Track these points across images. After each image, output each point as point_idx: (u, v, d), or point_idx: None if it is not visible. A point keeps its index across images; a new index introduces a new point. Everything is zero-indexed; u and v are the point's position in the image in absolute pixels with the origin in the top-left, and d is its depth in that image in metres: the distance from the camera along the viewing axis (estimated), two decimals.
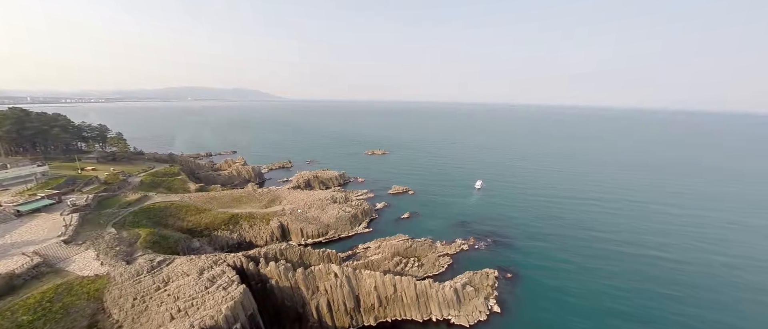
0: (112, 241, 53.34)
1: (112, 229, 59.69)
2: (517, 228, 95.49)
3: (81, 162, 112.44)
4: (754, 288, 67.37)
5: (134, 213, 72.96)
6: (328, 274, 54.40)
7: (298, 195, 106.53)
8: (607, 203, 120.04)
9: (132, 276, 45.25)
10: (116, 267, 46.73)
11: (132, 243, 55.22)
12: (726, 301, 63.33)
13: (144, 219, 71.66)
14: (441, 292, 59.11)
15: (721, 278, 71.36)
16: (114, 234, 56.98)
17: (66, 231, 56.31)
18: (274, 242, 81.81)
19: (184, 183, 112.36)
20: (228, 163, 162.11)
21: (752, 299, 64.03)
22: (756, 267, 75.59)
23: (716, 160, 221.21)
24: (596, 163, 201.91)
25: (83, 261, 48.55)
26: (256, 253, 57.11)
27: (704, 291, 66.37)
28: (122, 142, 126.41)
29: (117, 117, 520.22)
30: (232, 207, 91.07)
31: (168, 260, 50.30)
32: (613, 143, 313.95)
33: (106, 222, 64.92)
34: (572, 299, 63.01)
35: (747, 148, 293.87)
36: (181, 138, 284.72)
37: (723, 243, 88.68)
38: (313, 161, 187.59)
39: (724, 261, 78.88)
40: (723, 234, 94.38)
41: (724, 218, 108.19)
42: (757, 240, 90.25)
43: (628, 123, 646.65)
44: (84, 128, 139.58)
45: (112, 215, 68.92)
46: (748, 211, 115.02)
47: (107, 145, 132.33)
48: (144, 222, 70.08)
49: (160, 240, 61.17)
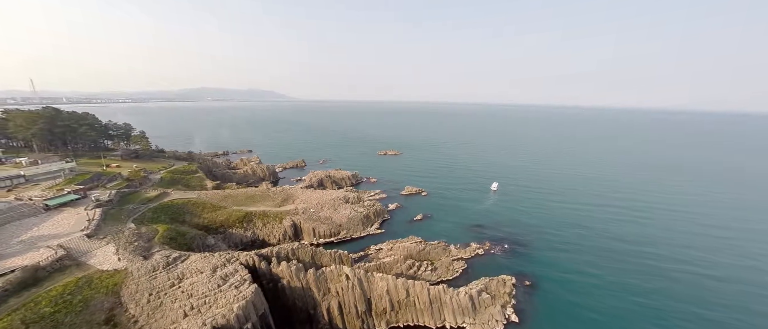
0: (131, 237, 54.61)
1: (132, 225, 61.31)
2: (535, 233, 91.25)
3: (106, 159, 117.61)
4: None
5: (153, 209, 74.94)
6: (339, 276, 53.40)
7: (311, 194, 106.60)
8: (630, 209, 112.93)
9: (148, 272, 45.92)
10: (134, 262, 47.61)
11: (150, 238, 56.37)
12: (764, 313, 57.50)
13: (162, 215, 73.40)
14: (455, 299, 56.81)
15: (760, 290, 65.09)
16: (133, 229, 58.42)
17: (89, 226, 58.29)
18: (286, 241, 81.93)
19: (202, 180, 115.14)
20: (244, 162, 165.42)
21: None
22: None
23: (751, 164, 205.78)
24: (616, 165, 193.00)
25: (103, 256, 49.88)
26: (269, 252, 56.92)
27: (738, 302, 60.65)
28: (145, 140, 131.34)
29: (141, 116, 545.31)
30: (246, 205, 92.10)
31: (183, 257, 50.83)
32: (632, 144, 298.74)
33: (127, 217, 66.88)
34: (594, 314, 58.81)
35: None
36: (200, 137, 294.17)
37: (760, 250, 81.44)
38: (325, 161, 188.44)
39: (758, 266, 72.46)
40: (759, 241, 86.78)
41: (761, 225, 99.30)
42: None
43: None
44: (110, 127, 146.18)
45: (132, 211, 71.01)
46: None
47: (131, 143, 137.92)
48: (162, 218, 71.77)
49: (177, 236, 62.24)
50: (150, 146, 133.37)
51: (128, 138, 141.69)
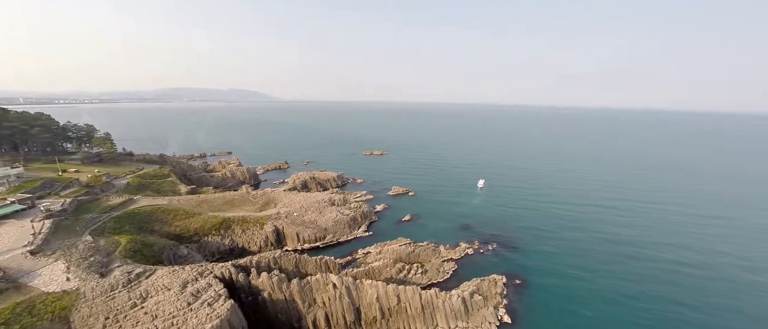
0: (86, 251, 48.10)
1: (89, 237, 54.44)
2: (523, 230, 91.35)
3: (63, 163, 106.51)
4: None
5: (116, 218, 67.61)
6: (326, 285, 49.71)
7: (295, 197, 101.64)
8: (617, 207, 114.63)
9: (105, 292, 40.19)
10: (87, 281, 41.61)
11: (110, 252, 50.04)
12: (753, 313, 58.45)
13: (127, 224, 66.33)
14: (448, 302, 54.72)
15: (747, 287, 66.32)
16: (89, 242, 51.71)
17: (34, 240, 50.97)
18: (268, 247, 76.97)
19: (174, 185, 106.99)
20: (222, 164, 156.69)
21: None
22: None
23: (730, 162, 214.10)
24: (599, 163, 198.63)
25: (50, 275, 43.33)
26: (247, 262, 52.20)
27: (729, 301, 61.63)
28: (108, 142, 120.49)
29: (110, 118, 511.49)
30: (223, 210, 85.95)
31: (148, 272, 45.24)
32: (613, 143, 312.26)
33: (84, 229, 59.52)
34: (585, 310, 58.60)
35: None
36: (175, 139, 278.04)
37: (751, 249, 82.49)
38: (310, 162, 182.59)
39: (749, 266, 73.76)
40: (751, 239, 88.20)
41: (753, 222, 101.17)
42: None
43: (632, 124, 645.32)
44: (69, 128, 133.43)
45: (90, 221, 63.48)
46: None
47: (93, 145, 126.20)
48: (127, 228, 64.79)
49: (143, 248, 55.99)
50: (115, 149, 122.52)
51: (90, 140, 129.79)
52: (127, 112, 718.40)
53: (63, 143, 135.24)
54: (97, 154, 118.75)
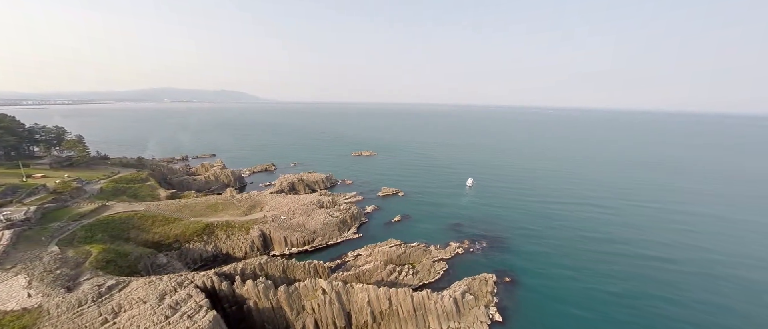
0: (51, 263, 44.34)
1: (55, 248, 50.33)
2: (511, 228, 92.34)
3: (28, 168, 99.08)
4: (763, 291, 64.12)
5: (87, 226, 63.15)
6: (315, 291, 48.01)
7: (282, 200, 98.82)
8: (604, 204, 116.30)
9: (71, 308, 37.00)
10: (52, 296, 38.23)
11: (79, 263, 46.38)
12: (737, 308, 59.47)
13: (99, 233, 62.08)
14: (440, 303, 54.19)
15: (731, 282, 67.60)
16: (56, 253, 47.79)
17: None
18: (254, 253, 74.19)
19: (153, 190, 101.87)
20: (205, 167, 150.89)
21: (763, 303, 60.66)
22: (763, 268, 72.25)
23: (716, 160, 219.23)
24: (586, 163, 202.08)
25: (9, 291, 39.52)
26: (231, 270, 49.74)
27: (709, 296, 63.07)
28: (80, 145, 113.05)
29: (85, 119, 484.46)
30: (206, 215, 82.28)
31: (121, 284, 42.13)
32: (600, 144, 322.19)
33: (50, 239, 55.12)
34: (574, 305, 59.55)
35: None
36: (155, 141, 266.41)
37: (734, 245, 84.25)
38: (298, 163, 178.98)
39: (732, 262, 75.00)
40: (734, 236, 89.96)
41: (735, 218, 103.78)
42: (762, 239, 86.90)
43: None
44: (37, 130, 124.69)
45: (58, 230, 58.92)
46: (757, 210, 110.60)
47: (63, 149, 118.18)
48: (99, 237, 60.62)
49: (117, 257, 52.38)
50: (88, 152, 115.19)
51: (60, 143, 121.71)
52: (103, 113, 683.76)
53: (30, 146, 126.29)
54: (68, 158, 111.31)
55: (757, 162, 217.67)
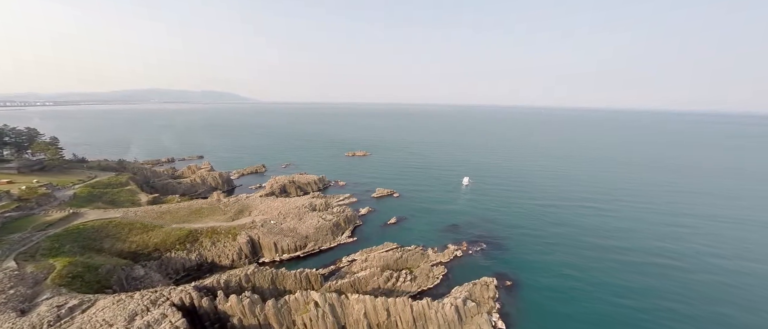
0: (4, 282, 39.15)
1: (12, 263, 44.92)
2: (509, 228, 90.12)
3: None
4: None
5: (54, 237, 57.47)
6: (306, 304, 44.05)
7: (272, 203, 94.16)
8: (602, 203, 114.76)
9: None
10: (1, 321, 33.28)
11: (38, 281, 41.26)
12: (741, 316, 56.63)
13: (68, 243, 56.52)
14: (441, 312, 50.89)
15: (735, 286, 65.16)
16: (12, 270, 42.46)
17: None
18: (242, 261, 69.59)
19: (133, 194, 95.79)
20: (191, 169, 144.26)
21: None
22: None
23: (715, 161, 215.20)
24: (582, 163, 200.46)
25: None
26: (214, 283, 45.29)
27: (714, 296, 61.39)
28: (52, 147, 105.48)
29: (66, 121, 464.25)
30: (189, 221, 77.11)
31: (86, 303, 37.35)
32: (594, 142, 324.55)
33: (9, 252, 49.45)
34: (577, 309, 57.38)
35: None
36: (139, 143, 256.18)
37: (736, 247, 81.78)
38: (289, 165, 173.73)
39: (737, 266, 72.53)
40: (735, 237, 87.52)
41: (736, 217, 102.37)
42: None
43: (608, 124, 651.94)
44: (6, 132, 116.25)
45: (18, 242, 53.19)
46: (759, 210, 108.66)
47: (35, 152, 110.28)
48: (67, 248, 55.10)
49: (85, 272, 47.25)
50: (61, 154, 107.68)
51: (31, 145, 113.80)
52: (85, 114, 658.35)
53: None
54: (39, 162, 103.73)
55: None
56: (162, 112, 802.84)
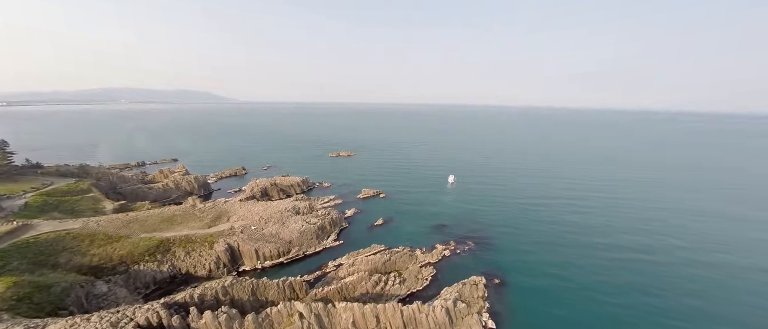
0: None
1: None
2: (495, 226, 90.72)
3: None
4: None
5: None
6: (290, 316, 41.23)
7: (252, 207, 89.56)
8: (586, 200, 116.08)
9: None
10: None
11: None
12: (735, 311, 57.05)
13: (16, 260, 50.11)
14: (431, 315, 49.69)
15: (728, 282, 65.48)
16: None
17: None
18: (220, 270, 65.19)
19: (96, 202, 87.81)
20: (163, 173, 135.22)
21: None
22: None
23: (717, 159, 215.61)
24: (568, 161, 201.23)
25: None
26: (186, 298, 41.39)
27: (704, 292, 61.79)
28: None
29: (23, 124, 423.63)
30: (161, 230, 71.41)
31: None
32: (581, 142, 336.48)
33: None
34: (564, 304, 57.82)
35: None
36: (106, 146, 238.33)
37: (730, 243, 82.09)
38: (270, 167, 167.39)
39: (731, 261, 72.98)
40: (728, 233, 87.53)
41: (728, 213, 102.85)
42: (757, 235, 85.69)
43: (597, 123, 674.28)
44: None
45: None
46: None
47: None
48: (14, 266, 48.79)
49: (34, 292, 41.72)
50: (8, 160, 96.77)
51: None
52: (44, 116, 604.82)
53: None
54: None
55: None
56: (132, 113, 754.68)
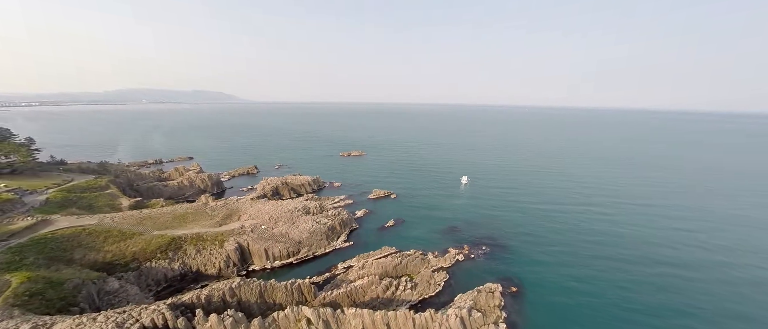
0: None
1: None
2: (511, 230, 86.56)
3: None
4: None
5: (16, 248, 51.75)
6: (298, 321, 39.56)
7: (263, 206, 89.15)
8: (603, 205, 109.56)
9: None
10: None
11: None
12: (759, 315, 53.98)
13: (31, 255, 50.90)
14: (445, 324, 46.85)
15: (753, 288, 61.82)
16: None
17: None
18: (229, 269, 64.69)
19: (114, 199, 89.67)
20: (179, 171, 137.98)
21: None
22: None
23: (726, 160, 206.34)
24: (586, 163, 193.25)
25: None
26: (193, 299, 40.45)
27: (730, 305, 57.15)
28: (23, 148, 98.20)
29: (52, 122, 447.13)
30: (173, 227, 71.76)
31: (40, 328, 32.25)
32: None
33: None
34: (584, 315, 54.05)
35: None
36: (125, 144, 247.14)
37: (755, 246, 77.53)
38: (282, 166, 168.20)
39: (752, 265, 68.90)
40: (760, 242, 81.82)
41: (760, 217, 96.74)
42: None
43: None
44: None
45: None
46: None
47: (4, 154, 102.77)
48: (31, 261, 49.52)
49: (47, 288, 41.93)
50: (33, 156, 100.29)
51: None
52: (72, 115, 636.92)
53: None
54: (8, 165, 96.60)
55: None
56: (151, 112, 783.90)
